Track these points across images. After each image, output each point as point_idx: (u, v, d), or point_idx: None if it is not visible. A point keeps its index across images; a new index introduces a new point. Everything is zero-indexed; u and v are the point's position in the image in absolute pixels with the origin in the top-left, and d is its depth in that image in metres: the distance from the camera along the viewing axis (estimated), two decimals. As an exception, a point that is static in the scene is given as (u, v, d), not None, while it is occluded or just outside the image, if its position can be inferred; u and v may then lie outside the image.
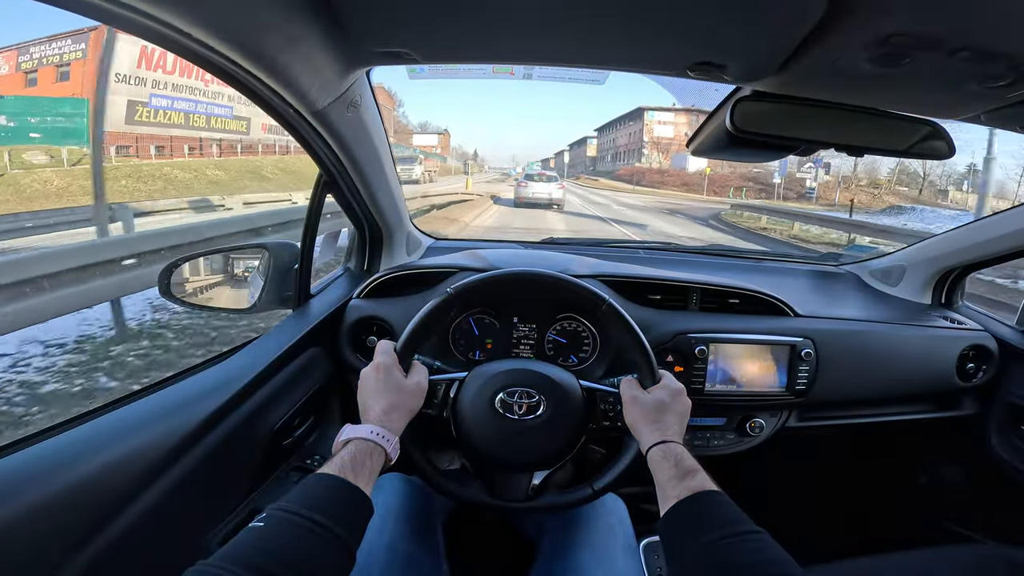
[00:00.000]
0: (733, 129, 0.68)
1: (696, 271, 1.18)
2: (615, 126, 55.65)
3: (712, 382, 1.05)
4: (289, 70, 0.57)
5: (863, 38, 0.50)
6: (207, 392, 0.75)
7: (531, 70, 1.20)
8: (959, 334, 1.14)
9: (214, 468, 0.70)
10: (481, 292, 0.80)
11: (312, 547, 0.47)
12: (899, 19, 0.47)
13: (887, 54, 0.52)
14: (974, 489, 1.26)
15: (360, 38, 0.57)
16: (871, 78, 0.59)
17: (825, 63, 0.57)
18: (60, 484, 0.52)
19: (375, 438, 0.61)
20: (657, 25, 0.54)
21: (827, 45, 0.53)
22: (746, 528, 0.52)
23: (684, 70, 0.63)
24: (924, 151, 0.71)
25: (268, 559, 0.44)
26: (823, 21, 0.49)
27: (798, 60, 0.58)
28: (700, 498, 0.57)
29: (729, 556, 0.50)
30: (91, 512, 0.54)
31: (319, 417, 1.00)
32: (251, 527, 0.48)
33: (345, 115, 0.76)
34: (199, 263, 1.07)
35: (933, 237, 1.28)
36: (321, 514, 0.49)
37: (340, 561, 0.49)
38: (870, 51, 0.52)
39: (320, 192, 0.98)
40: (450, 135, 56.40)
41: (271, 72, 0.56)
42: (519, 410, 0.74)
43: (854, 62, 0.55)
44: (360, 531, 0.53)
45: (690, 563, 0.53)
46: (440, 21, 0.55)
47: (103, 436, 0.60)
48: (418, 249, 1.38)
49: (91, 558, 0.52)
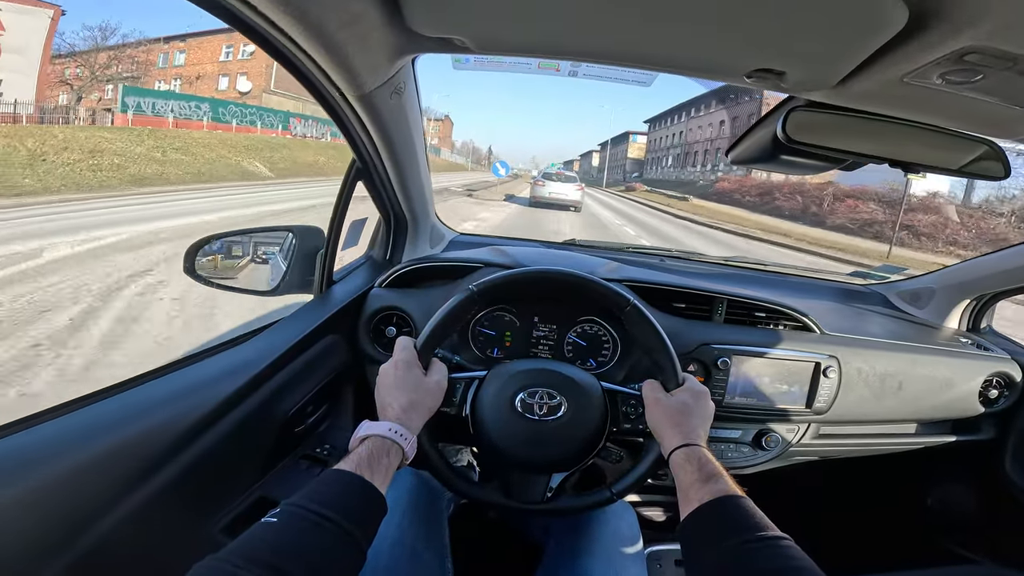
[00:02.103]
0: (784, 139, 0.67)
1: (721, 282, 1.17)
2: (685, 113, 37.87)
3: (732, 394, 1.04)
4: (344, 49, 0.56)
5: (938, 53, 0.49)
6: (227, 373, 0.74)
7: (578, 67, 1.16)
8: (985, 360, 1.12)
9: (226, 452, 0.69)
10: (504, 290, 0.79)
11: (325, 545, 0.46)
12: (980, 35, 0.45)
13: (961, 70, 0.51)
14: (980, 512, 1.24)
15: (417, 22, 0.56)
16: (936, 93, 0.57)
17: (891, 77, 0.55)
18: (76, 460, 0.52)
19: (393, 436, 0.60)
20: (726, 29, 0.53)
21: (897, 59, 0.52)
22: (771, 534, 0.51)
23: (741, 76, 0.62)
24: (978, 171, 0.69)
25: (281, 557, 0.43)
26: (900, 34, 0.48)
27: (862, 72, 0.56)
28: (724, 502, 0.56)
29: (753, 561, 0.49)
30: (103, 490, 0.53)
31: (332, 406, 0.99)
32: (264, 522, 0.47)
33: (388, 101, 0.75)
34: (225, 243, 1.07)
35: (968, 261, 1.26)
36: (336, 512, 0.48)
37: (352, 560, 0.48)
38: (943, 67, 0.51)
39: (352, 179, 0.98)
40: (452, 123, 53.26)
41: (327, 50, 0.55)
42: (540, 410, 0.73)
43: (922, 77, 0.54)
44: (373, 530, 0.53)
45: (711, 567, 0.52)
46: (501, 10, 0.53)
47: (122, 414, 0.60)
48: (441, 242, 1.37)
49: (98, 537, 0.52)
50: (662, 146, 43.28)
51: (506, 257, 1.11)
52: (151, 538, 0.58)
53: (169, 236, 6.08)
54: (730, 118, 31.01)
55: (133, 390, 0.66)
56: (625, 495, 0.75)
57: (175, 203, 9.72)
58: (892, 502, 1.40)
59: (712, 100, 33.20)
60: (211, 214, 8.30)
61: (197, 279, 0.99)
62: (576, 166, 64.47)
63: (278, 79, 28.27)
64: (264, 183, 16.16)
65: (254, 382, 0.75)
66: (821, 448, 1.12)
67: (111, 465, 0.54)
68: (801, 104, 0.67)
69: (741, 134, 0.85)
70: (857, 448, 1.16)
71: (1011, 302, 1.32)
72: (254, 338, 0.87)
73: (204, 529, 0.67)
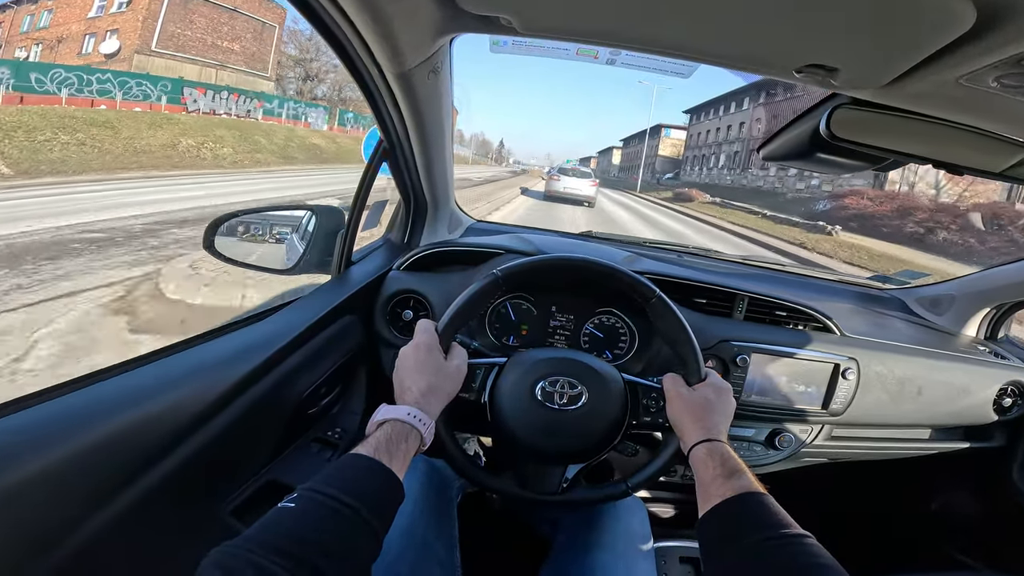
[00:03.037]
0: (828, 136, 0.65)
1: (741, 280, 1.16)
2: (748, 100, 28.57)
3: (749, 392, 1.04)
4: (391, 23, 0.55)
5: (1000, 56, 0.47)
6: (243, 352, 0.73)
7: (617, 54, 1.12)
8: (1002, 369, 1.12)
9: (238, 434, 0.68)
10: (530, 276, 0.78)
11: (343, 532, 0.45)
12: None
13: (1018, 74, 0.50)
14: (983, 519, 1.25)
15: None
16: (989, 96, 0.56)
17: (946, 78, 0.54)
18: (83, 441, 0.50)
19: (412, 420, 0.59)
20: (781, 21, 0.52)
21: (957, 60, 0.50)
22: (795, 531, 0.51)
23: (791, 71, 0.60)
24: (1020, 175, 0.68)
25: (299, 544, 0.42)
26: (964, 35, 0.46)
27: (917, 72, 0.55)
28: (747, 499, 0.55)
29: (776, 558, 0.49)
30: (112, 472, 0.52)
31: (344, 388, 0.99)
32: (281, 507, 0.45)
33: (426, 81, 0.74)
34: (245, 220, 1.06)
35: (989, 269, 1.25)
36: (355, 498, 0.47)
37: (370, 547, 0.47)
38: (1001, 70, 0.50)
39: (377, 160, 0.96)
40: (457, 112, 52.11)
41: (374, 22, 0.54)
42: (560, 400, 0.72)
43: (978, 80, 0.53)
44: (390, 517, 0.51)
45: (732, 563, 0.52)
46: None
47: (134, 393, 0.59)
48: (459, 228, 1.37)
49: (107, 519, 0.51)
50: (708, 141, 33.79)
51: (527, 244, 1.11)
52: (160, 521, 0.57)
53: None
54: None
55: (145, 367, 0.64)
56: (640, 488, 0.75)
57: None
58: (895, 505, 1.40)
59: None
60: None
61: (216, 255, 0.98)
62: (594, 163, 60.39)
63: (165, 38, 21.89)
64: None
65: (271, 361, 0.74)
66: (832, 450, 1.13)
67: (120, 446, 0.53)
68: (846, 101, 0.66)
69: (776, 130, 0.84)
70: (867, 451, 1.16)
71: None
72: (271, 316, 0.86)
73: (214, 511, 0.66)
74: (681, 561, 1.05)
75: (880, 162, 0.74)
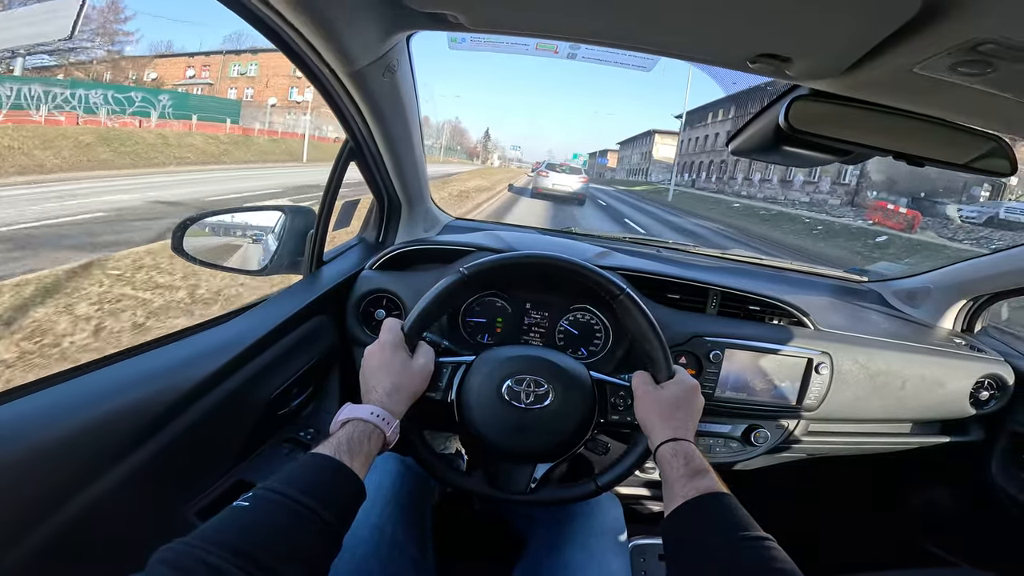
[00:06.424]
0: (787, 128, 0.65)
1: (717, 275, 1.15)
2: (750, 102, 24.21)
3: (723, 388, 1.03)
4: (333, 24, 0.54)
5: (950, 43, 0.47)
6: (209, 351, 0.72)
7: (576, 49, 1.12)
8: (978, 362, 1.12)
9: (205, 434, 0.67)
10: (496, 274, 0.77)
11: (299, 532, 0.45)
12: (996, 26, 0.43)
13: (972, 62, 0.49)
14: (963, 515, 1.25)
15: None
16: (945, 86, 0.55)
17: (901, 67, 0.53)
18: (44, 440, 0.50)
19: (375, 420, 0.59)
20: (728, 10, 0.51)
21: (909, 48, 0.50)
22: (755, 534, 0.51)
23: (744, 62, 0.60)
24: (984, 167, 0.68)
25: (251, 542, 0.41)
26: (912, 21, 0.45)
27: (871, 61, 0.54)
28: (709, 499, 0.55)
29: (735, 560, 0.49)
30: (74, 471, 0.51)
31: (317, 388, 0.98)
32: (236, 506, 0.45)
33: (381, 79, 0.72)
34: (214, 221, 1.04)
35: (965, 261, 1.25)
36: (311, 497, 0.47)
37: (327, 547, 0.47)
38: (955, 57, 0.49)
39: (344, 159, 0.95)
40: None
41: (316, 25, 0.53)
42: (526, 399, 0.72)
43: (933, 68, 0.52)
44: (350, 516, 0.51)
45: (692, 564, 0.51)
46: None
47: (96, 393, 0.58)
48: (435, 226, 1.35)
49: (68, 518, 0.50)
50: (707, 148, 30.06)
51: (500, 242, 1.10)
52: (122, 520, 0.57)
53: None
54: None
55: (107, 368, 0.63)
56: (610, 488, 0.74)
57: None
58: (875, 502, 1.40)
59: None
60: None
61: (184, 256, 0.97)
62: (613, 159, 57.14)
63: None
64: None
65: (236, 362, 0.73)
66: (810, 445, 1.12)
67: (82, 445, 0.52)
68: (805, 93, 0.65)
69: (742, 125, 0.83)
70: (845, 446, 1.15)
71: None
72: (239, 317, 0.85)
73: (178, 513, 0.65)
74: (660, 558, 1.04)
75: (845, 154, 0.73)
